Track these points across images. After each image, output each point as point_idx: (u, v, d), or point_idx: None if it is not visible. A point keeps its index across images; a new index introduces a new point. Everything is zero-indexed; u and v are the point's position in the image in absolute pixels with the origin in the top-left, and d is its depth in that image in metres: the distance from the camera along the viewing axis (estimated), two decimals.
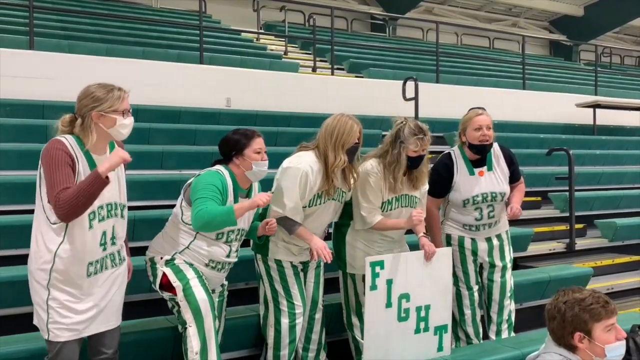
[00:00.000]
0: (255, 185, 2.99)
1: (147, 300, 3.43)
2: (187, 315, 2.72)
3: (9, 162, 4.51)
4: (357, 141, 3.00)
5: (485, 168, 3.47)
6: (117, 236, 2.54)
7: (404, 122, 3.11)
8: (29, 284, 2.43)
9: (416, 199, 3.25)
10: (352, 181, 3.09)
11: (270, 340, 3.11)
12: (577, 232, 5.68)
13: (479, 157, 3.46)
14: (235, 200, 2.80)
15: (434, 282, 3.15)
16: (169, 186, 4.40)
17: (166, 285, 2.78)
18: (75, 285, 2.39)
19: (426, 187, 3.31)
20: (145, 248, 2.95)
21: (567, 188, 5.74)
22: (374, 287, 2.96)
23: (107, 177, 2.29)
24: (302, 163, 2.95)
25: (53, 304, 2.36)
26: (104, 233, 2.45)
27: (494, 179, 3.48)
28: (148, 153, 5.05)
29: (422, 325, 3.11)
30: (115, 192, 2.50)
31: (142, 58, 7.50)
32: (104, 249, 2.46)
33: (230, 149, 2.83)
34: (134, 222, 3.75)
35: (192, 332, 2.71)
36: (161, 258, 2.82)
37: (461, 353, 3.31)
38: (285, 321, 3.08)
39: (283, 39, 11.25)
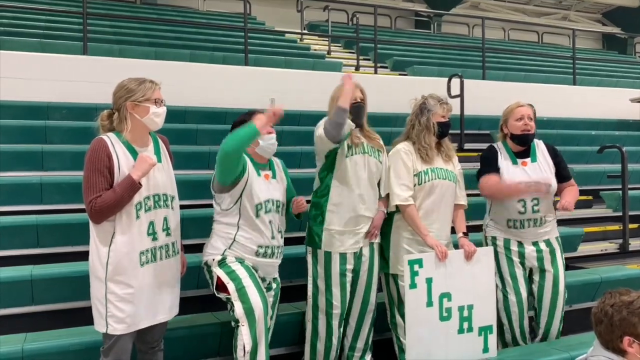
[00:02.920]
0: (277, 162, 3.08)
1: (195, 296, 3.52)
2: (240, 314, 2.76)
3: (64, 163, 4.72)
4: (356, 100, 3.18)
5: (529, 159, 3.39)
6: (171, 227, 2.62)
7: (425, 96, 3.35)
8: (90, 279, 2.53)
9: (453, 173, 3.30)
10: (376, 140, 3.29)
11: (308, 335, 3.20)
12: (631, 232, 5.46)
13: (522, 149, 3.40)
14: (258, 174, 2.90)
15: (476, 282, 3.12)
16: None
17: (221, 286, 2.84)
18: (131, 276, 2.47)
19: (459, 166, 3.38)
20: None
21: (620, 186, 5.53)
22: (413, 285, 2.97)
23: (139, 183, 2.44)
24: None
25: (111, 298, 2.46)
26: (152, 223, 2.53)
27: (537, 169, 3.38)
28: (195, 153, 5.18)
29: (465, 325, 3.09)
30: (162, 183, 2.59)
31: (189, 61, 7.68)
32: (154, 239, 2.54)
33: None
34: (182, 221, 3.85)
35: (244, 331, 2.74)
36: (214, 260, 2.88)
37: (509, 355, 3.25)
38: (322, 317, 3.15)
39: (326, 39, 11.28)
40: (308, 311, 3.20)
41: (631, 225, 5.48)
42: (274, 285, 3.05)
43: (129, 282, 2.47)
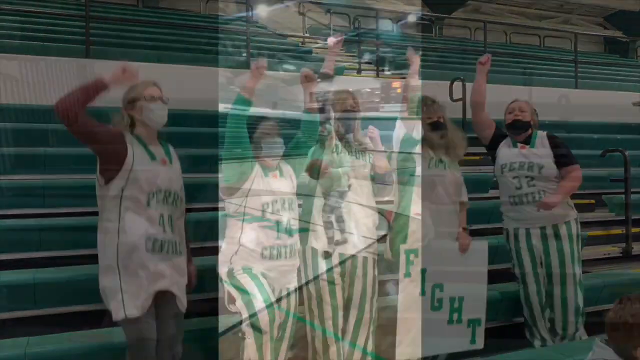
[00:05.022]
0: (286, 169, 3.11)
1: (196, 299, 3.51)
2: (246, 328, 2.74)
3: (67, 166, 4.72)
4: (348, 108, 3.30)
5: (527, 146, 3.60)
6: (174, 226, 2.66)
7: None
8: (100, 270, 2.55)
9: (455, 164, 3.44)
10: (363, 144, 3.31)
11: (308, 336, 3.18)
12: (634, 236, 5.45)
13: (521, 136, 3.59)
14: (265, 175, 2.96)
15: (468, 275, 3.22)
16: (217, 189, 4.50)
17: (232, 300, 2.85)
18: (141, 260, 2.51)
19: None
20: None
21: (622, 190, 5.52)
22: (408, 274, 3.07)
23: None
24: None
25: (125, 287, 2.49)
26: (162, 215, 2.59)
27: (533, 152, 3.56)
28: (196, 156, 5.16)
29: (455, 316, 3.18)
30: (171, 182, 2.66)
31: (191, 64, 7.68)
32: (164, 230, 2.59)
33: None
34: None
35: (249, 344, 2.74)
36: (223, 271, 2.88)
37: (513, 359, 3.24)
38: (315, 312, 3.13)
39: None
40: (306, 313, 3.18)
41: (634, 229, 5.47)
42: (284, 301, 2.94)
43: (139, 266, 2.51)
